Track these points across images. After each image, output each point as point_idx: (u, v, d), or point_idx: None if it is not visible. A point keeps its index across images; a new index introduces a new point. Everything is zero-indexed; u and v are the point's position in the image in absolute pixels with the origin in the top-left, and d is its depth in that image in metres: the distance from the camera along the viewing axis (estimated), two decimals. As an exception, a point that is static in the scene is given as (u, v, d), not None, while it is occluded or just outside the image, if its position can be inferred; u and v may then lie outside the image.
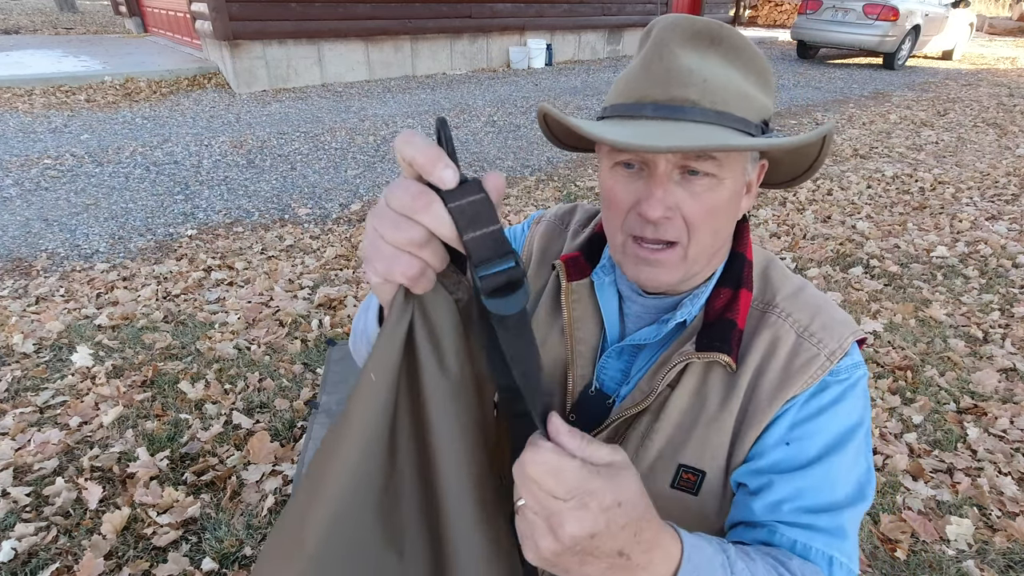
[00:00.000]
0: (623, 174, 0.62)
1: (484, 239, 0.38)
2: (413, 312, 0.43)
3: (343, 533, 0.45)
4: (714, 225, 0.62)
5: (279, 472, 1.85)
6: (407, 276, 0.41)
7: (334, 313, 2.70)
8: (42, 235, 3.34)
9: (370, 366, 0.44)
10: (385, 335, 0.44)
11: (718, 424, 0.64)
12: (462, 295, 0.45)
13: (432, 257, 0.41)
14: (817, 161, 0.66)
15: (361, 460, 0.45)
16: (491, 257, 0.38)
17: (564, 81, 8.26)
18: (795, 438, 0.62)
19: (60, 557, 1.56)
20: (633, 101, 0.60)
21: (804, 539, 0.59)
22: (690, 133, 0.55)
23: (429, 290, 0.43)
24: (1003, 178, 4.70)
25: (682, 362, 0.64)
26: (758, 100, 0.60)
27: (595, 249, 0.76)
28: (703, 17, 0.61)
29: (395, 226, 0.39)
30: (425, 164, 0.37)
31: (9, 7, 15.65)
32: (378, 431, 0.45)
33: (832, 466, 0.61)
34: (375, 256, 0.41)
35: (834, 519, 0.60)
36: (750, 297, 0.67)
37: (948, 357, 2.46)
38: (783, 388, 0.62)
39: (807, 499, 0.60)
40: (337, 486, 0.45)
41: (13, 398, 2.10)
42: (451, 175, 0.37)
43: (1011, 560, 1.62)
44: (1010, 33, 17.15)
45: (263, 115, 5.91)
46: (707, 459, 0.64)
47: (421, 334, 0.44)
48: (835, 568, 0.59)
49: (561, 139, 0.75)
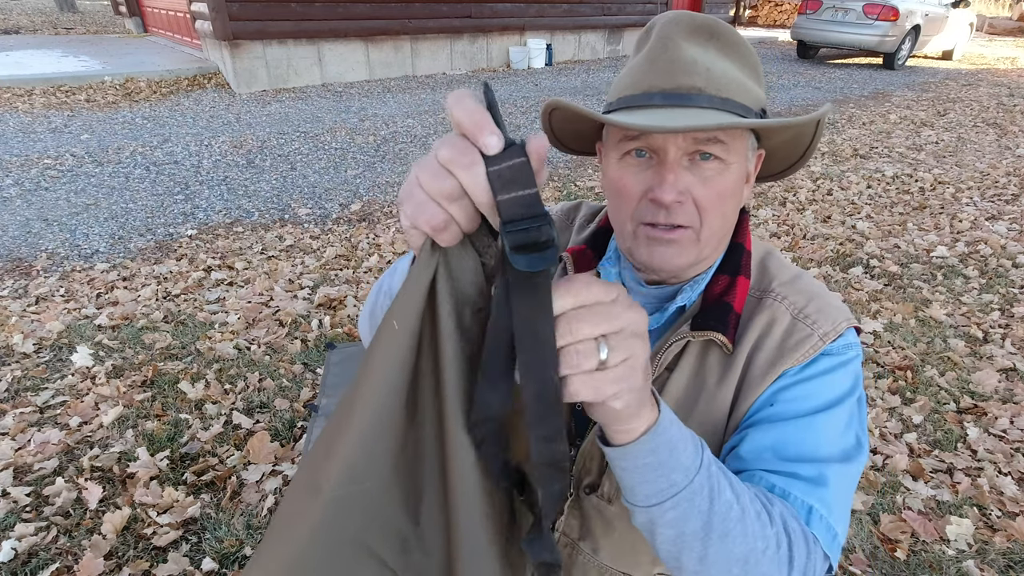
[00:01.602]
0: (633, 163, 0.64)
1: (517, 200, 0.38)
2: (438, 265, 0.42)
3: (359, 485, 0.44)
4: (723, 209, 0.64)
5: (279, 472, 1.85)
6: (431, 224, 0.40)
7: (334, 313, 2.70)
8: (42, 235, 3.34)
9: (392, 314, 0.43)
10: (410, 282, 0.43)
11: (717, 402, 0.65)
12: (490, 260, 0.44)
13: (460, 213, 0.40)
14: (810, 148, 0.69)
15: (379, 412, 0.43)
16: (522, 216, 0.38)
17: (564, 81, 8.26)
18: (780, 400, 0.63)
19: (60, 557, 1.56)
20: (641, 92, 0.62)
21: (783, 484, 0.58)
22: (702, 117, 0.58)
23: (454, 244, 0.42)
24: (1003, 178, 4.70)
25: (678, 340, 0.66)
26: (754, 90, 0.64)
27: (600, 243, 0.79)
28: (700, 14, 0.64)
29: (433, 175, 0.40)
30: (471, 128, 0.38)
31: (9, 7, 15.65)
32: (397, 384, 0.43)
33: (816, 423, 0.61)
34: (407, 200, 0.42)
35: (816, 468, 0.59)
36: (747, 284, 0.69)
37: (948, 357, 2.46)
38: (776, 363, 0.64)
39: (789, 448, 0.60)
40: (356, 436, 0.43)
41: (13, 398, 2.10)
42: (495, 141, 0.38)
43: (1011, 560, 1.62)
44: (1010, 33, 17.15)
45: (263, 115, 5.91)
46: (708, 436, 0.65)
47: (444, 288, 0.42)
48: (813, 518, 0.57)
49: (563, 141, 0.77)
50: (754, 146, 0.67)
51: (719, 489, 0.51)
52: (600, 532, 0.70)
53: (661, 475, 0.49)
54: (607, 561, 0.71)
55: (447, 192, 0.39)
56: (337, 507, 0.44)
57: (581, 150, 0.79)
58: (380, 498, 0.45)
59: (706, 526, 0.50)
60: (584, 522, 0.71)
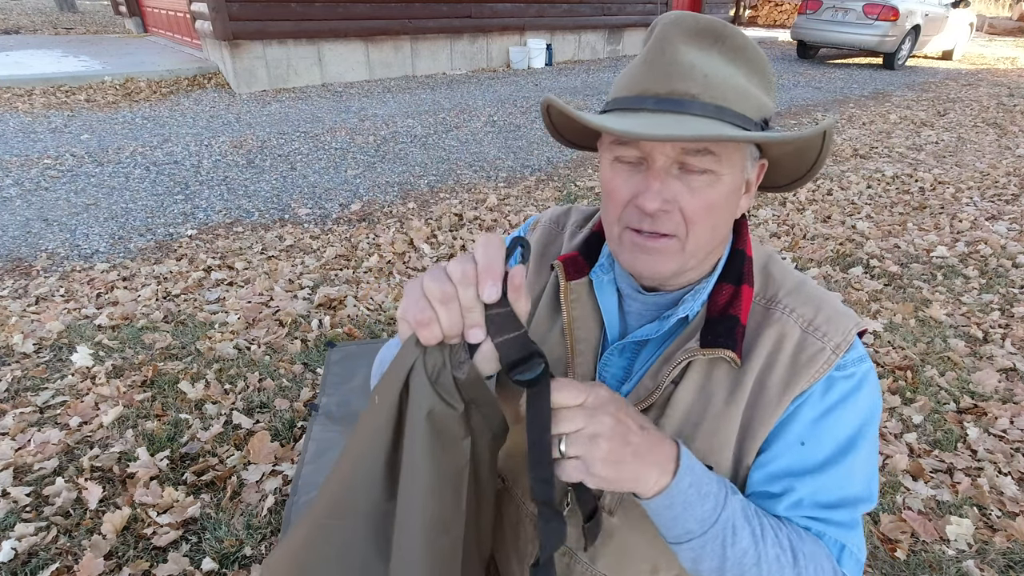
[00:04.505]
0: (623, 168, 0.63)
1: (509, 342, 0.50)
2: (416, 360, 0.50)
3: (338, 520, 0.54)
4: (712, 221, 0.62)
5: (279, 472, 1.85)
6: (416, 319, 0.48)
7: (334, 313, 2.70)
8: (42, 235, 3.34)
9: (377, 389, 0.52)
10: (392, 366, 0.51)
11: (725, 418, 0.64)
12: (461, 374, 0.51)
13: (445, 316, 0.47)
14: (818, 162, 0.66)
15: (357, 467, 0.53)
16: (514, 358, 0.50)
17: (564, 81, 8.26)
18: (809, 437, 0.64)
19: (60, 557, 1.56)
20: (635, 94, 0.61)
21: (818, 528, 0.64)
22: (689, 126, 0.56)
23: (432, 344, 0.49)
24: (1003, 178, 4.70)
25: (687, 359, 0.64)
26: (758, 98, 0.61)
27: (593, 248, 0.76)
28: (707, 15, 0.61)
29: (434, 279, 0.47)
30: (482, 272, 0.47)
31: (9, 7, 15.65)
32: (375, 447, 0.52)
33: (847, 464, 0.64)
34: (407, 294, 0.50)
35: (850, 512, 0.64)
36: (751, 293, 0.68)
37: (948, 357, 2.46)
38: (791, 383, 0.63)
39: (824, 495, 0.63)
40: (340, 480, 0.53)
41: (13, 398, 2.10)
42: (492, 293, 0.47)
43: (1011, 560, 1.62)
44: (1010, 33, 17.14)
45: (263, 115, 5.91)
46: (714, 453, 0.65)
47: (416, 381, 0.50)
48: (845, 556, 0.63)
49: (564, 135, 0.76)
50: (755, 156, 0.65)
51: (736, 538, 0.58)
52: (599, 541, 0.69)
53: (676, 524, 0.58)
54: (604, 570, 0.71)
55: (440, 294, 0.46)
56: (320, 531, 0.54)
57: (584, 144, 0.77)
58: (354, 534, 0.53)
59: (720, 568, 0.59)
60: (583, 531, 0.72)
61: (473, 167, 4.74)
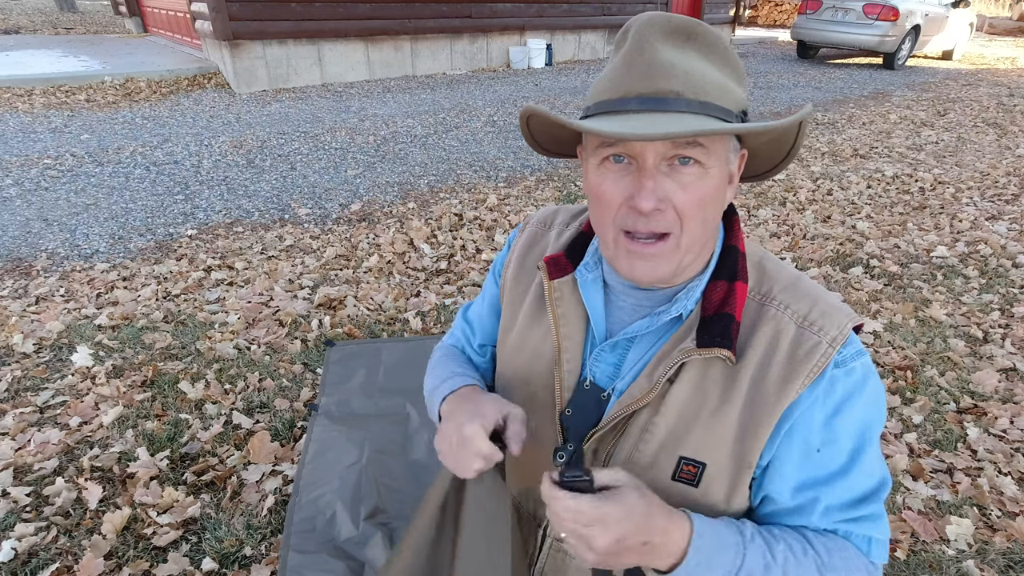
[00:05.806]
0: (612, 170, 0.63)
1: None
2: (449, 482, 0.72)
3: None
4: (704, 215, 0.63)
5: (279, 472, 1.85)
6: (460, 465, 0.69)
7: (334, 313, 2.70)
8: (42, 235, 3.34)
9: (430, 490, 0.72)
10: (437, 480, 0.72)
11: (720, 417, 0.65)
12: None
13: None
14: (793, 149, 0.68)
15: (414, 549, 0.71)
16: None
17: (564, 81, 8.26)
18: (824, 442, 0.64)
19: (60, 557, 1.56)
20: (618, 96, 0.61)
21: (845, 528, 0.65)
22: (680, 122, 0.56)
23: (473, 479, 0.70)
24: (1003, 178, 4.70)
25: (684, 359, 0.64)
26: (735, 91, 0.62)
27: (579, 248, 0.77)
28: (678, 14, 0.62)
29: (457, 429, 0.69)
30: (487, 460, 0.67)
31: (9, 7, 15.65)
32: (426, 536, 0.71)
33: (865, 459, 0.65)
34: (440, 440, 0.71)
35: (872, 506, 0.66)
36: (746, 289, 0.68)
37: (948, 357, 2.46)
38: (789, 380, 0.63)
39: (849, 495, 0.65)
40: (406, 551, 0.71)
41: (13, 398, 2.10)
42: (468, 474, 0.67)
43: (1011, 560, 1.62)
44: (1010, 33, 17.14)
45: (263, 115, 5.91)
46: (708, 451, 0.65)
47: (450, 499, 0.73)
48: (873, 546, 0.66)
49: (543, 144, 0.76)
50: (736, 147, 0.66)
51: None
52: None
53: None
54: None
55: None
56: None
57: (560, 153, 0.77)
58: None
59: None
60: None
61: (473, 167, 4.74)
